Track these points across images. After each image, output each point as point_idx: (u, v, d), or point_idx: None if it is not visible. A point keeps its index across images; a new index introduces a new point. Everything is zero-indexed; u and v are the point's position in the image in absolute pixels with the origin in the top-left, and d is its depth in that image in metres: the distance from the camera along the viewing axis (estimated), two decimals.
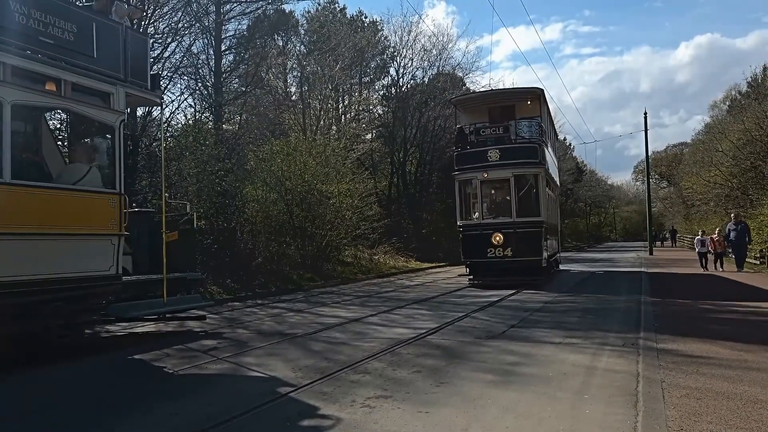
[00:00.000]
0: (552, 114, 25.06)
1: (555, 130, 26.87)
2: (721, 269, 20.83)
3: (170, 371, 6.63)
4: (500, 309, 11.65)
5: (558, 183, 26.16)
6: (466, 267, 18.13)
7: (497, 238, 16.66)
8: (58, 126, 13.38)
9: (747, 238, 20.32)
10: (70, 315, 7.69)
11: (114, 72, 8.07)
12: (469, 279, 17.71)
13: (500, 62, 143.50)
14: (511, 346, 7.65)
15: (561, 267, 24.06)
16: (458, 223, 18.21)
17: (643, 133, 39.48)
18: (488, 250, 16.78)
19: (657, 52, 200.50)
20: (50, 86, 7.38)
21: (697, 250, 22.67)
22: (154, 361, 7.24)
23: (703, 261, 21.97)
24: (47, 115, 9.42)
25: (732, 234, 20.27)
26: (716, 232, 22.28)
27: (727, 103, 49.36)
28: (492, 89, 20.28)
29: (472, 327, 9.34)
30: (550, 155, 20.29)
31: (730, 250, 21.54)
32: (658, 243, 53.06)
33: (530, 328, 9.09)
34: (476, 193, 18.03)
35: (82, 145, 8.68)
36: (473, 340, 8.15)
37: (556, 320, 9.99)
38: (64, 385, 6.17)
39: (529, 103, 19.06)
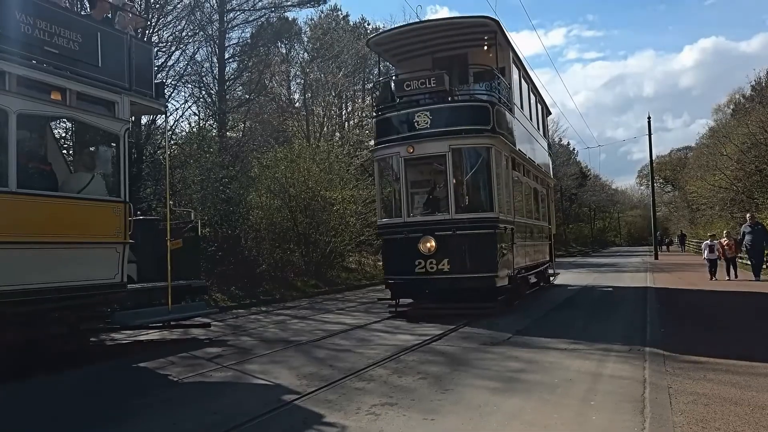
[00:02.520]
0: (539, 87, 18.72)
1: (543, 101, 19.65)
2: (735, 278, 18.17)
3: (174, 379, 6.63)
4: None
5: (548, 172, 19.64)
6: (385, 287, 12.35)
7: (428, 245, 11.08)
8: (63, 134, 13.46)
9: (765, 242, 17.69)
10: (75, 323, 7.71)
11: (118, 81, 8.11)
12: (389, 307, 11.92)
13: None
14: None
15: (558, 278, 19.55)
16: (378, 223, 13.28)
17: (647, 137, 39.37)
18: (416, 263, 11.15)
19: (661, 56, 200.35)
20: (55, 95, 7.42)
21: (704, 257, 19.54)
22: (158, 369, 7.23)
23: (713, 269, 18.79)
24: (52, 123, 9.47)
25: (747, 237, 17.57)
26: (724, 235, 19.87)
27: (732, 106, 49.21)
28: (423, 21, 13.32)
29: None
30: (520, 126, 14.04)
31: (746, 256, 18.92)
32: (664, 247, 52.43)
33: None
34: (399, 178, 12.09)
35: (86, 153, 8.72)
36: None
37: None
38: (68, 393, 6.17)
39: (485, 47, 13.12)
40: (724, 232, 20.93)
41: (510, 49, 13.70)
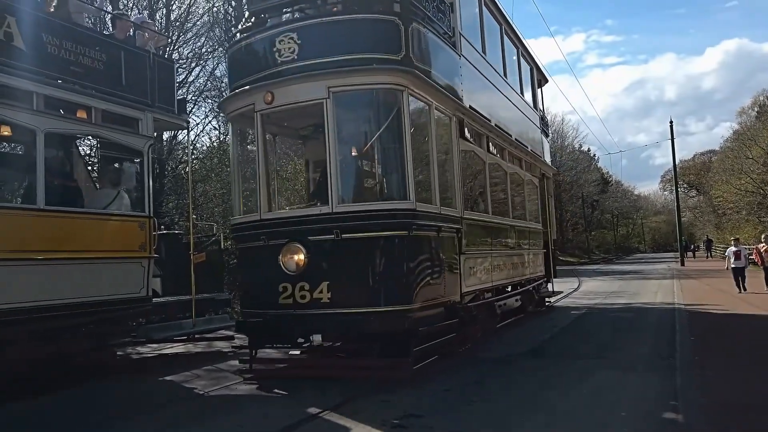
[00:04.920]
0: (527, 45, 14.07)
1: (533, 62, 14.65)
2: None
3: (200, 392, 6.65)
4: None
5: (542, 156, 14.88)
6: (236, 330, 8.66)
7: (294, 260, 6.75)
8: (88, 151, 13.74)
9: None
10: (102, 337, 7.82)
11: (142, 98, 8.26)
12: (241, 359, 7.49)
13: None
14: None
15: (579, 288, 17.58)
16: (231, 222, 8.38)
17: (670, 141, 38.82)
18: (280, 288, 6.77)
19: (682, 59, 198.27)
20: (81, 114, 7.59)
21: (729, 265, 16.89)
22: (184, 382, 7.28)
23: (740, 280, 16.33)
24: (77, 141, 9.67)
25: None
26: (762, 240, 16.98)
27: (756, 108, 48.43)
28: None
29: None
30: (482, 78, 9.96)
31: None
32: (690, 254, 50.99)
33: None
34: (256, 146, 7.58)
35: (111, 169, 8.87)
36: None
37: None
38: (96, 405, 6.22)
39: None
40: (763, 236, 17.96)
41: None
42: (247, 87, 7.33)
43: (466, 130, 8.73)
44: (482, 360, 8.00)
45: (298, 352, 7.83)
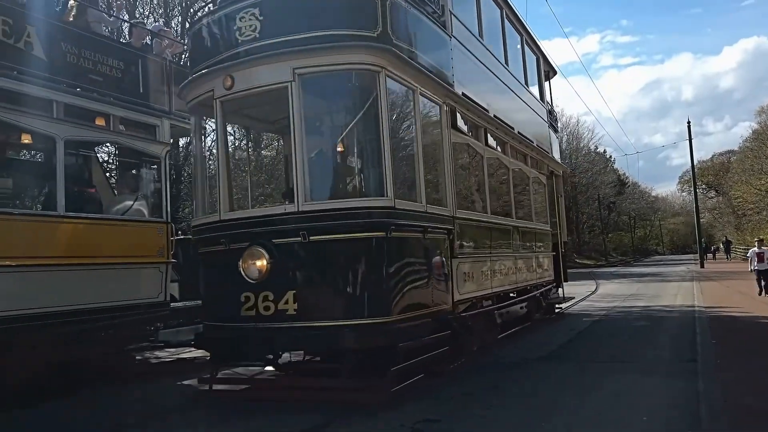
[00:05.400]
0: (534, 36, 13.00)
1: (540, 51, 13.53)
2: None
3: (218, 397, 6.67)
4: None
5: (550, 153, 13.70)
6: (194, 345, 7.67)
7: (255, 266, 5.85)
8: (107, 158, 13.92)
9: None
10: (121, 341, 7.90)
11: (159, 105, 8.36)
12: (201, 379, 6.64)
13: None
14: None
15: (597, 291, 16.98)
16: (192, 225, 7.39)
17: (687, 142, 38.35)
18: (242, 298, 5.94)
19: (699, 59, 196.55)
20: (100, 121, 7.71)
21: (752, 267, 16.09)
22: (202, 386, 7.30)
23: (762, 283, 15.63)
24: (96, 148, 9.80)
25: None
26: None
27: None
28: None
29: None
30: (478, 63, 8.98)
31: None
32: (710, 255, 50.06)
33: None
34: (217, 137, 6.94)
35: (129, 176, 8.98)
36: None
37: None
38: (109, 411, 6.25)
39: None
40: None
41: None
42: (205, 71, 6.42)
43: (458, 119, 7.78)
44: (498, 364, 7.86)
45: (271, 369, 6.85)
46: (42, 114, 6.80)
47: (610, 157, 68.72)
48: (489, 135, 9.16)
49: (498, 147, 9.73)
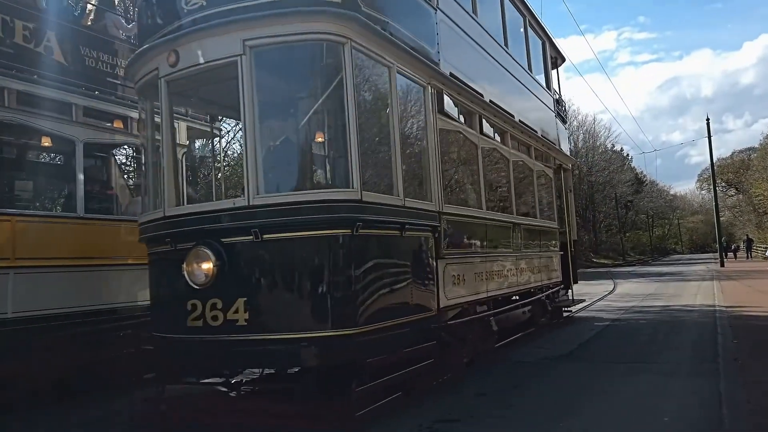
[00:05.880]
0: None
1: (546, 36, 12.54)
2: None
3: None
4: None
5: (557, 144, 12.42)
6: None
7: (201, 269, 4.92)
8: (124, 160, 14.07)
9: None
10: (141, 342, 7.95)
11: (176, 107, 8.41)
12: (145, 398, 5.68)
13: None
14: None
15: (614, 291, 16.43)
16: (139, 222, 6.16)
17: (706, 139, 37.80)
18: (188, 306, 5.02)
19: (719, 55, 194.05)
20: (118, 124, 7.80)
21: None
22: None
23: None
24: (114, 149, 9.91)
25: None
26: None
27: None
28: None
29: None
30: (473, 45, 8.12)
31: None
32: (730, 254, 49.18)
33: None
34: (162, 119, 5.75)
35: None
36: None
37: None
38: (121, 413, 6.23)
39: None
40: None
41: None
42: (148, 45, 5.58)
43: (446, 103, 6.86)
44: (518, 363, 7.79)
45: (224, 389, 5.83)
46: (61, 117, 6.90)
47: (628, 155, 68.09)
48: (484, 122, 8.18)
49: (496, 136, 8.76)
